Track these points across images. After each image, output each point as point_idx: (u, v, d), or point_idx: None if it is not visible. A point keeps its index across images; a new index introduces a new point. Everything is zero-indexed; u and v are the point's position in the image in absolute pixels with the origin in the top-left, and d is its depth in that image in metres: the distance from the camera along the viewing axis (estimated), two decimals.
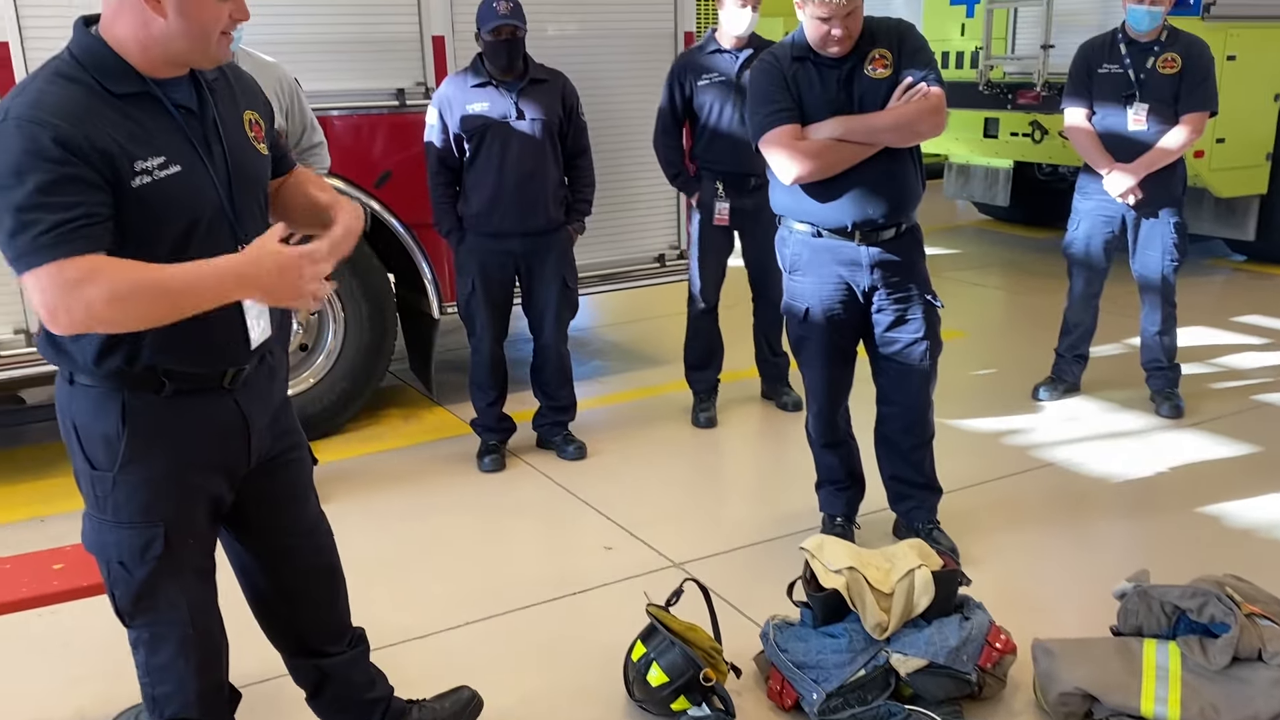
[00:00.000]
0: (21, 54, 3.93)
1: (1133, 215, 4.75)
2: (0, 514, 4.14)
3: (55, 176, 1.71)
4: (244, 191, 2.00)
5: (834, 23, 3.09)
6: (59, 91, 1.77)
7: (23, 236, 1.70)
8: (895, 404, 3.51)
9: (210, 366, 1.99)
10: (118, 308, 1.74)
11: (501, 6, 4.01)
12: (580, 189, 4.40)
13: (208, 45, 1.87)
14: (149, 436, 1.95)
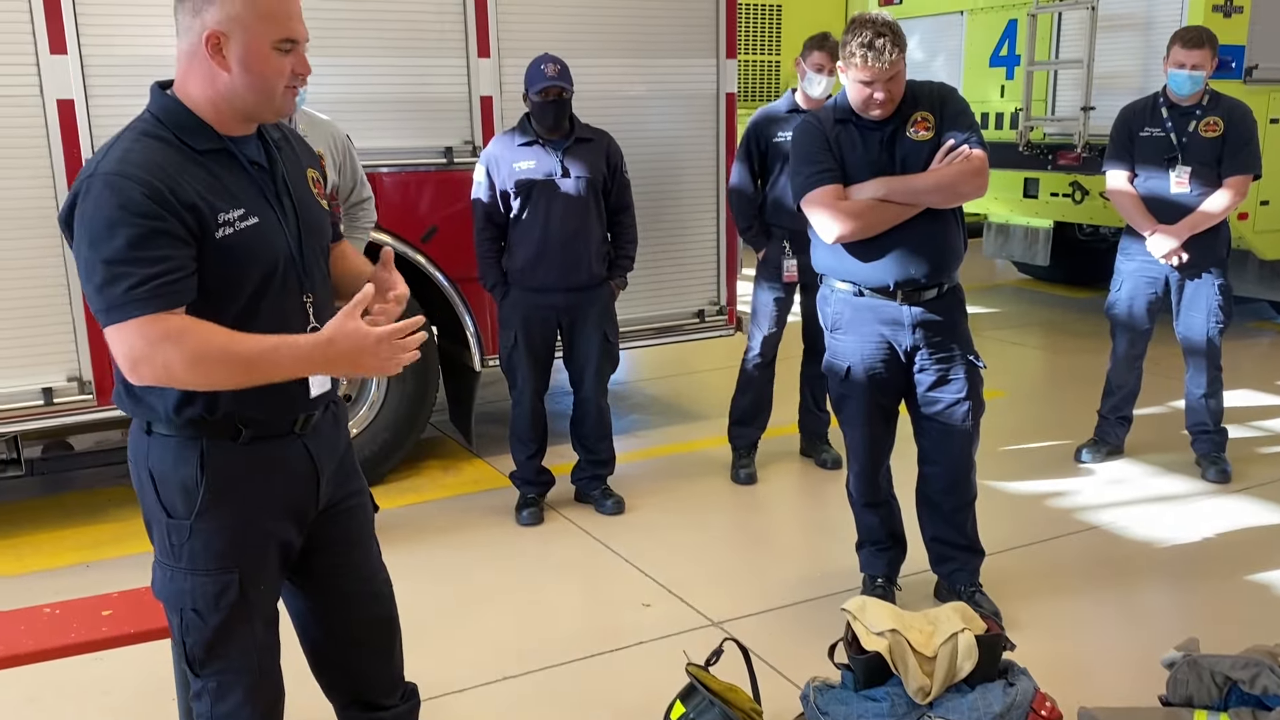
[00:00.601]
0: (85, 110, 4.06)
1: (1176, 277, 4.73)
2: (48, 559, 4.20)
3: (145, 231, 1.78)
4: (311, 242, 2.07)
5: (876, 86, 3.13)
6: (145, 149, 1.85)
7: (112, 290, 1.77)
8: (937, 464, 3.49)
9: (283, 413, 2.04)
10: (196, 370, 1.81)
11: (549, 69, 4.11)
12: (623, 245, 4.47)
13: (272, 98, 1.93)
14: (226, 483, 1.98)
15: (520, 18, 4.82)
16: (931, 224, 3.26)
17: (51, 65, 3.98)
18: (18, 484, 4.87)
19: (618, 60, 5.07)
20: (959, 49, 8.54)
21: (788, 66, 12.25)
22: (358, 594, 2.30)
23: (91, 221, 1.79)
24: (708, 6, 5.26)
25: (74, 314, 4.15)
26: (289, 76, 1.94)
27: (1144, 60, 7.05)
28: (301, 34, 1.95)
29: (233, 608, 2.02)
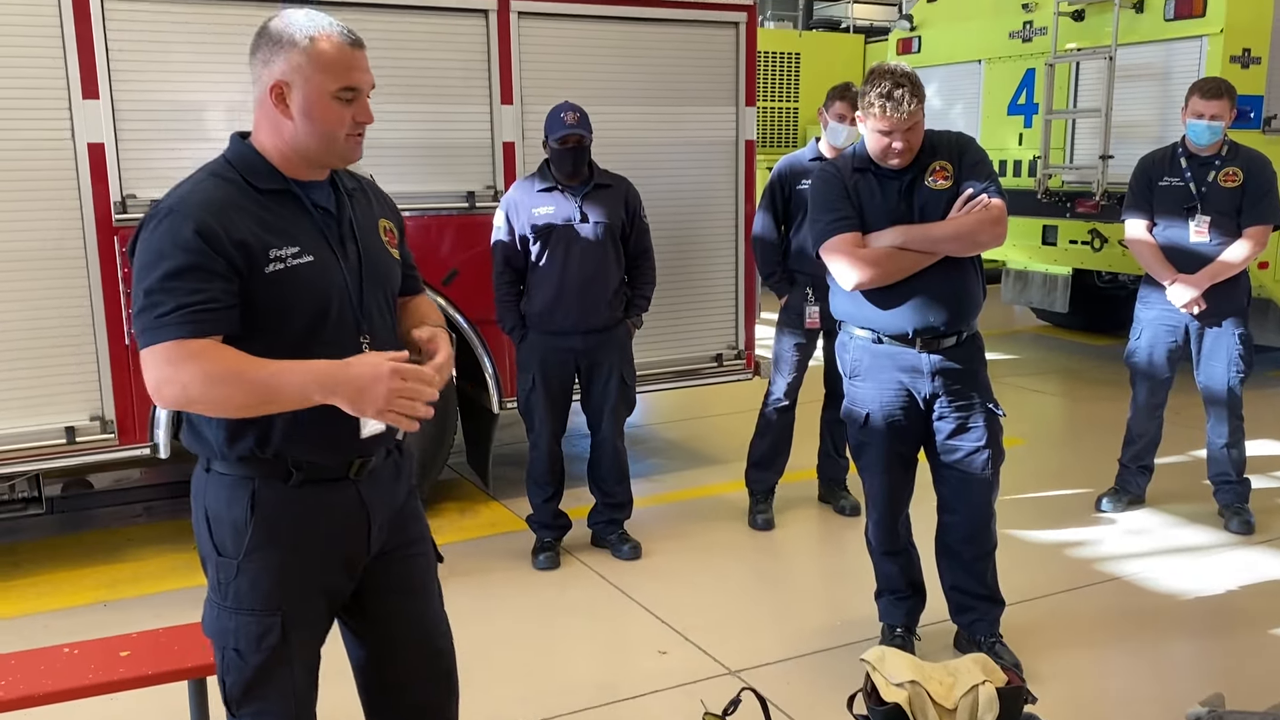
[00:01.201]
0: (115, 154, 4.14)
1: (1196, 326, 4.72)
2: (67, 598, 4.21)
3: (185, 264, 1.86)
4: (373, 288, 2.10)
5: (895, 136, 3.16)
6: (209, 188, 1.96)
7: (145, 316, 1.87)
8: (957, 513, 3.47)
9: (333, 456, 2.05)
10: (210, 390, 1.86)
11: (569, 117, 4.17)
12: (640, 286, 4.50)
13: (334, 145, 2.00)
14: (274, 525, 2.01)
15: (543, 66, 4.89)
16: (950, 272, 3.26)
17: (83, 110, 4.06)
18: (38, 522, 4.90)
19: (639, 108, 5.14)
20: (977, 97, 8.61)
21: (806, 114, 12.38)
22: (414, 644, 2.28)
23: (144, 252, 1.90)
24: (728, 56, 5.33)
25: (98, 353, 4.20)
26: (350, 125, 2.00)
27: (1162, 110, 7.09)
28: (363, 83, 2.00)
29: (274, 650, 2.03)
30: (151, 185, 4.16)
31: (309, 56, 1.94)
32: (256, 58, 1.99)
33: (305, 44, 1.94)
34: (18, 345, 4.08)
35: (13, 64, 3.96)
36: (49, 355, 4.14)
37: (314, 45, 1.94)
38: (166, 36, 4.17)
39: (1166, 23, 7.05)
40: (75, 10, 4.00)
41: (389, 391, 1.88)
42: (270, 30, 1.98)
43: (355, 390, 1.87)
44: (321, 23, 1.97)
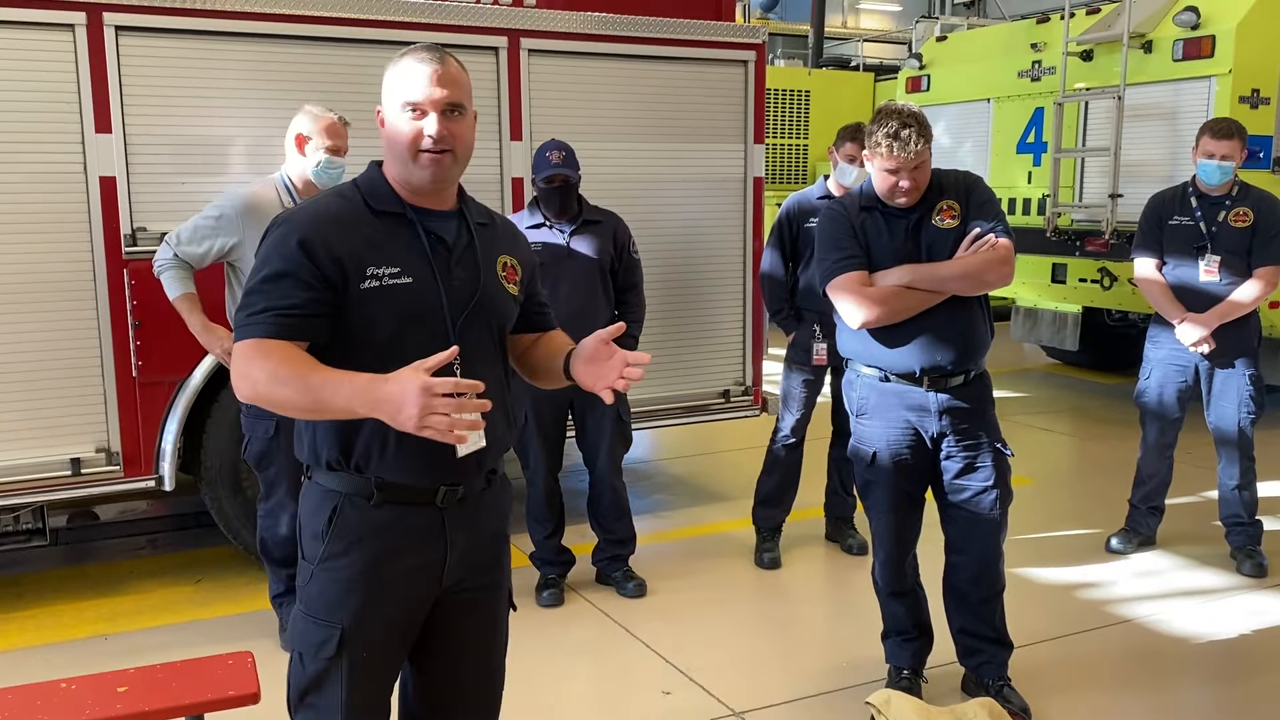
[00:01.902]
0: (126, 187, 4.16)
1: (1206, 366, 4.69)
2: (68, 630, 4.19)
3: (282, 270, 1.97)
4: (477, 320, 2.11)
5: (902, 175, 3.16)
6: (327, 204, 2.08)
7: (241, 314, 1.99)
8: (965, 554, 3.44)
9: (422, 479, 2.07)
10: (273, 389, 1.92)
11: (554, 156, 4.18)
12: (629, 323, 4.49)
13: (405, 162, 2.03)
14: (350, 538, 2.06)
15: (553, 103, 4.93)
16: (957, 311, 3.25)
17: (96, 143, 4.09)
18: (42, 553, 4.88)
19: (648, 144, 5.16)
20: (986, 135, 8.64)
21: (815, 151, 12.43)
22: (468, 690, 2.28)
23: (258, 257, 2.03)
24: (737, 93, 5.36)
25: (105, 385, 4.21)
26: (422, 140, 2.00)
27: (1171, 149, 7.10)
28: (426, 97, 1.99)
29: (329, 661, 2.06)
30: (161, 218, 4.19)
31: (389, 76, 2.05)
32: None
33: (390, 68, 2.05)
34: (26, 376, 4.09)
35: (29, 98, 3.99)
36: (56, 386, 4.15)
37: (395, 65, 2.04)
38: (178, 72, 4.21)
39: (1175, 63, 7.08)
40: (90, 46, 4.04)
41: (421, 407, 1.78)
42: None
43: (393, 407, 1.82)
44: (418, 45, 2.06)
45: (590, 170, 4.73)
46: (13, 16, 3.92)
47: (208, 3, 4.20)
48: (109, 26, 4.05)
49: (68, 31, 4.01)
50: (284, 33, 4.33)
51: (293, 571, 3.99)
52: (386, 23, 4.53)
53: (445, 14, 4.68)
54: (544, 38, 4.86)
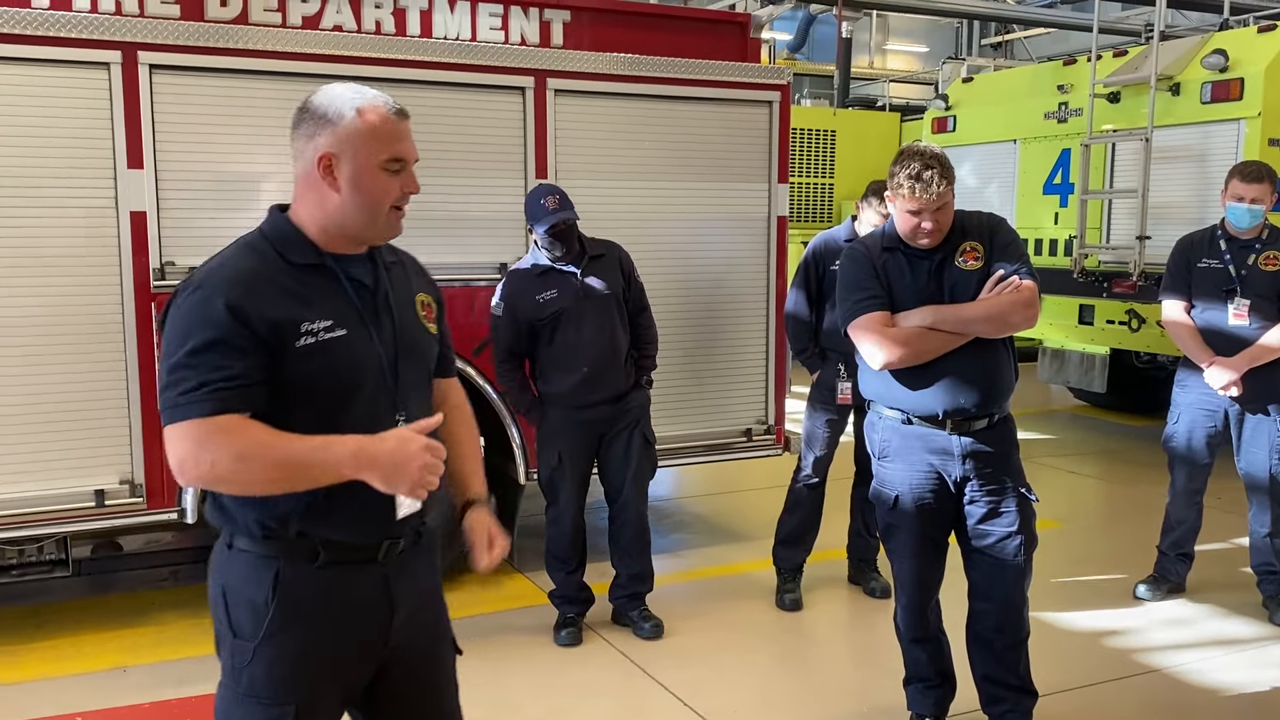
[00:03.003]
0: (156, 222, 4.22)
1: (1236, 410, 4.63)
2: (88, 661, 4.20)
3: (212, 339, 1.84)
4: (408, 364, 2.08)
5: (924, 216, 3.15)
6: (241, 261, 1.94)
7: (169, 393, 1.85)
8: (988, 600, 3.38)
9: (364, 537, 2.00)
10: (239, 467, 1.82)
11: (549, 202, 4.19)
12: (644, 346, 4.51)
13: (377, 218, 1.99)
14: (296, 608, 1.95)
15: (577, 142, 4.96)
16: (981, 353, 3.23)
17: (128, 179, 4.16)
18: (64, 583, 4.90)
19: (672, 184, 5.18)
20: (1012, 176, 8.62)
21: (841, 189, 12.45)
22: None
23: (172, 327, 1.89)
24: (761, 134, 5.38)
25: (130, 418, 4.24)
26: (397, 196, 2.00)
27: (1200, 191, 7.05)
28: (410, 154, 2.01)
29: None
30: (190, 253, 4.24)
31: (358, 128, 1.94)
32: (300, 131, 1.98)
33: (353, 115, 1.94)
34: (52, 407, 4.13)
35: (64, 133, 4.07)
36: (82, 418, 4.18)
37: (362, 117, 1.95)
38: (209, 109, 4.28)
39: (1203, 105, 7.05)
40: (125, 84, 4.12)
41: (422, 466, 1.85)
42: (315, 104, 1.98)
43: (391, 465, 1.84)
44: (367, 95, 1.98)
45: (614, 209, 4.77)
46: (51, 55, 4.01)
47: (240, 42, 4.28)
48: (143, 65, 4.13)
49: (103, 70, 4.09)
50: (314, 71, 4.38)
51: None
52: (416, 63, 4.60)
53: (474, 54, 4.74)
54: (570, 78, 4.91)
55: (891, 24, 20.55)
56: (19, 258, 4.04)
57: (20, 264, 4.04)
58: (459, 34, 4.94)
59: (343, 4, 4.72)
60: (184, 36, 4.19)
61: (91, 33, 4.05)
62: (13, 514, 4.10)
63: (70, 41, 4.02)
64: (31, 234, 4.05)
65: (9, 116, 3.98)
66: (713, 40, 5.43)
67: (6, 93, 3.97)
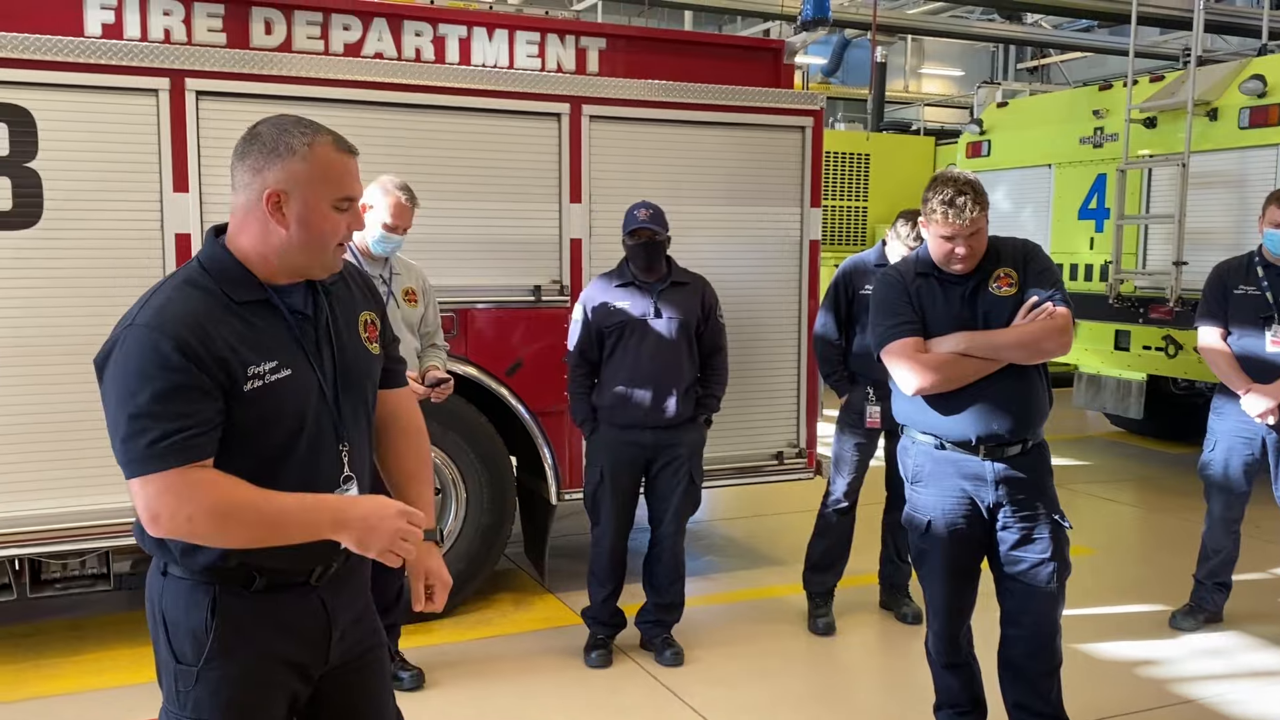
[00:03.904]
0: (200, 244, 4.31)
1: (1274, 438, 4.58)
2: (126, 675, 4.26)
3: (172, 385, 1.80)
4: (349, 392, 2.06)
5: (958, 241, 3.16)
6: (184, 299, 1.88)
7: (134, 444, 1.79)
8: (1021, 627, 3.37)
9: (300, 564, 1.99)
10: (216, 524, 1.83)
11: (641, 213, 4.27)
12: (711, 385, 4.51)
13: (324, 255, 1.97)
14: (236, 632, 1.94)
15: (611, 166, 5.03)
16: (1015, 379, 3.23)
17: (174, 202, 4.26)
18: (105, 597, 4.98)
19: (706, 208, 5.23)
20: (1047, 201, 8.59)
21: (874, 213, 12.45)
22: None
23: (122, 374, 1.83)
24: (794, 158, 5.41)
25: None
26: (344, 234, 1.98)
27: (1238, 216, 7.00)
28: (358, 192, 2.00)
29: None
30: None
31: (308, 165, 1.91)
32: (246, 162, 1.94)
33: (304, 151, 1.91)
34: (95, 424, 4.19)
35: (113, 158, 4.18)
36: None
37: (313, 153, 1.91)
38: None
39: (1241, 130, 7.01)
40: (172, 110, 4.23)
41: (395, 531, 1.90)
42: (264, 136, 1.93)
43: (365, 529, 1.89)
44: (319, 131, 1.95)
45: None
46: (102, 82, 4.12)
47: (283, 69, 4.38)
48: (190, 92, 4.24)
49: (151, 96, 4.20)
50: (357, 98, 4.49)
51: None
52: (455, 89, 4.68)
53: (511, 81, 4.82)
54: (606, 104, 4.98)
55: (926, 48, 20.56)
56: (68, 278, 4.14)
57: (69, 284, 4.14)
58: (497, 61, 5.04)
59: (384, 32, 4.83)
60: (229, 64, 4.30)
61: (141, 60, 4.16)
62: (57, 528, 4.19)
63: (120, 69, 4.14)
64: (80, 255, 4.15)
65: (61, 141, 4.10)
66: (747, 67, 5.48)
67: (59, 118, 4.08)
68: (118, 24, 4.40)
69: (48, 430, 4.15)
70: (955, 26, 14.99)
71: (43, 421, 4.14)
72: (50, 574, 4.44)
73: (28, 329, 4.10)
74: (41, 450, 4.15)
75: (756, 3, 12.79)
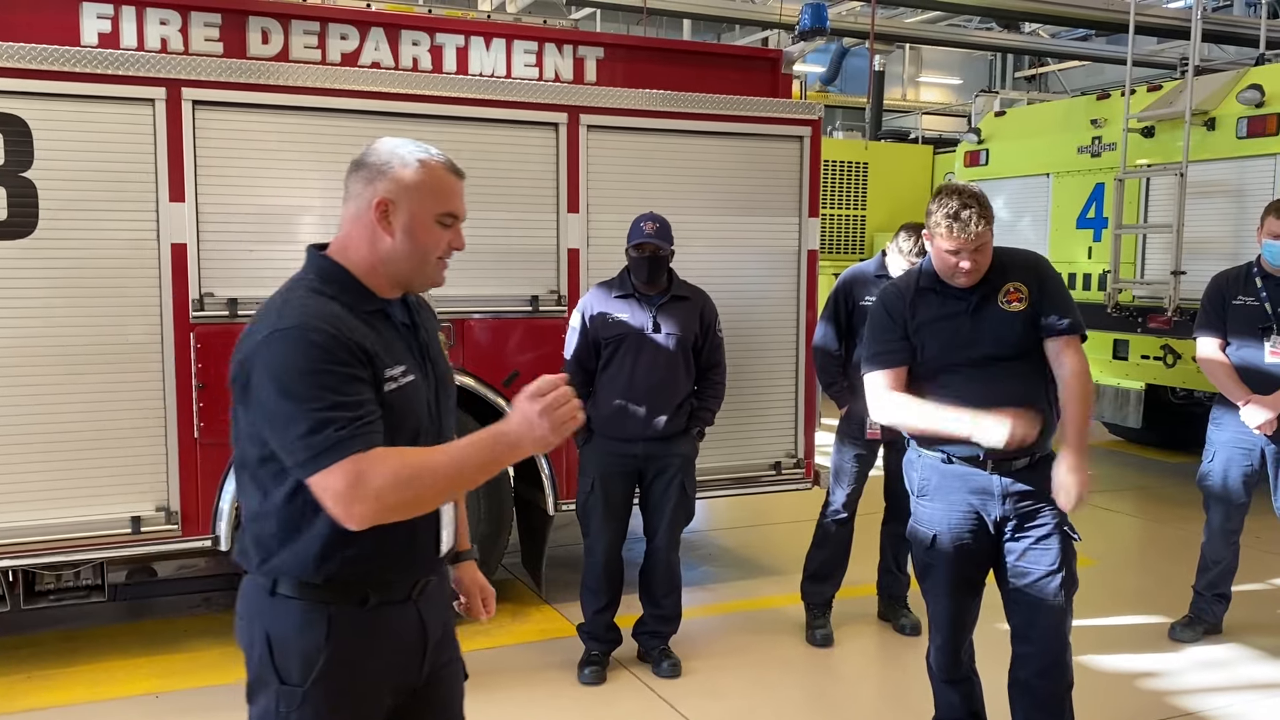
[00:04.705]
0: (196, 254, 4.30)
1: (1273, 449, 4.57)
2: (120, 687, 4.24)
3: (341, 377, 1.86)
4: (445, 400, 2.17)
5: (962, 256, 3.13)
6: (320, 303, 1.94)
7: (319, 435, 1.81)
8: (1031, 643, 3.29)
9: (409, 575, 2.05)
10: (404, 493, 1.84)
11: (648, 226, 4.25)
12: (706, 399, 4.49)
13: (425, 267, 2.05)
14: (345, 652, 1.97)
15: (609, 176, 5.01)
16: (1024, 393, 3.16)
17: (169, 212, 4.24)
18: (99, 608, 4.96)
19: (703, 217, 5.21)
20: (1045, 210, 8.60)
21: (873, 221, 12.46)
22: None
23: (285, 373, 1.85)
24: (792, 168, 5.40)
25: (167, 446, 4.31)
26: (444, 249, 2.06)
27: (1235, 226, 7.00)
28: (462, 212, 2.08)
29: None
30: (227, 285, 4.32)
31: (417, 179, 2.00)
32: (359, 174, 2.03)
33: (415, 166, 2.01)
34: (92, 435, 4.20)
35: (108, 167, 4.16)
36: (120, 446, 4.25)
37: (422, 169, 2.01)
38: (250, 145, 4.36)
39: (1239, 140, 7.02)
40: (169, 119, 4.21)
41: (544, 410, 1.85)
42: (378, 151, 2.04)
43: (524, 429, 1.86)
44: (430, 151, 2.05)
45: None
46: (99, 91, 4.10)
47: (280, 79, 4.37)
48: (187, 101, 4.23)
49: (148, 106, 4.18)
50: (353, 108, 4.48)
51: None
52: (453, 99, 4.67)
53: (509, 90, 4.81)
54: (604, 114, 4.96)
55: (924, 56, 20.58)
56: (64, 288, 4.13)
57: (65, 293, 4.13)
58: (494, 71, 5.03)
59: (381, 41, 4.82)
60: (226, 73, 4.29)
61: (137, 70, 4.15)
62: (52, 539, 4.17)
63: (117, 79, 4.12)
64: (76, 264, 4.14)
65: (58, 150, 4.08)
66: (745, 76, 5.48)
67: (55, 128, 4.07)
68: (114, 33, 4.38)
69: (43, 440, 4.13)
70: (953, 35, 15.01)
71: (38, 432, 4.11)
72: (44, 585, 4.42)
73: (23, 338, 4.08)
74: (37, 460, 4.13)
75: (754, 12, 12.82)
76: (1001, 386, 3.16)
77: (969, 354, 3.20)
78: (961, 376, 3.20)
